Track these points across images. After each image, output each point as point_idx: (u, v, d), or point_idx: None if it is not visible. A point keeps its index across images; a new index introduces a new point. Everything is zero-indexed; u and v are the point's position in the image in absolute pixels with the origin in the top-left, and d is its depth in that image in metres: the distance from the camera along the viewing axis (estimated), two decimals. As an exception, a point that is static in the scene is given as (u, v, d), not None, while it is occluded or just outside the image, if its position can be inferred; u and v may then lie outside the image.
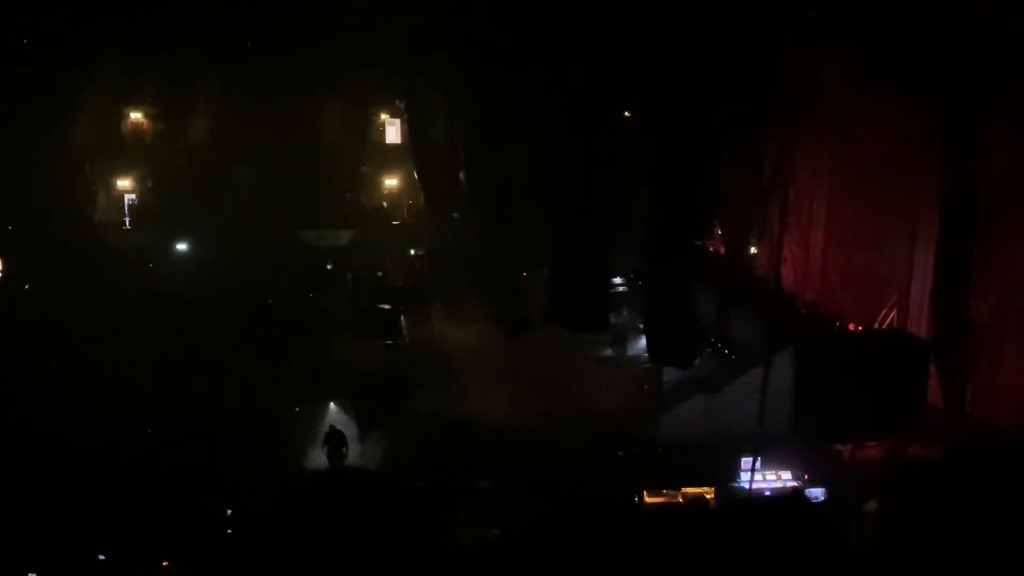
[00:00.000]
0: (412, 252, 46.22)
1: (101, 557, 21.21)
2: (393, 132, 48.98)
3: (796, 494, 24.78)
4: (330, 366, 33.36)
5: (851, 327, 32.03)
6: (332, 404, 30.10)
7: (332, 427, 27.82)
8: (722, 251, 38.45)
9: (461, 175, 41.56)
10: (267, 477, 24.67)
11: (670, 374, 30.98)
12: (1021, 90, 26.21)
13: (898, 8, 28.18)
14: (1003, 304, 27.52)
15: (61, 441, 25.73)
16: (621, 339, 35.12)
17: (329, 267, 43.62)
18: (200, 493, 24.12)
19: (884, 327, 31.69)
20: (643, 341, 32.95)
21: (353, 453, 27.18)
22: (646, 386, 31.06)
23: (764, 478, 25.77)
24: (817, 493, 24.89)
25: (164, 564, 21.16)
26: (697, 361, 30.86)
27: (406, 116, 46.59)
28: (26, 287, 38.69)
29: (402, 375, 32.74)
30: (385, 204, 49.08)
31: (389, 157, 48.65)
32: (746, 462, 25.85)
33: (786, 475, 25.89)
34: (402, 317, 39.47)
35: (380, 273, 44.14)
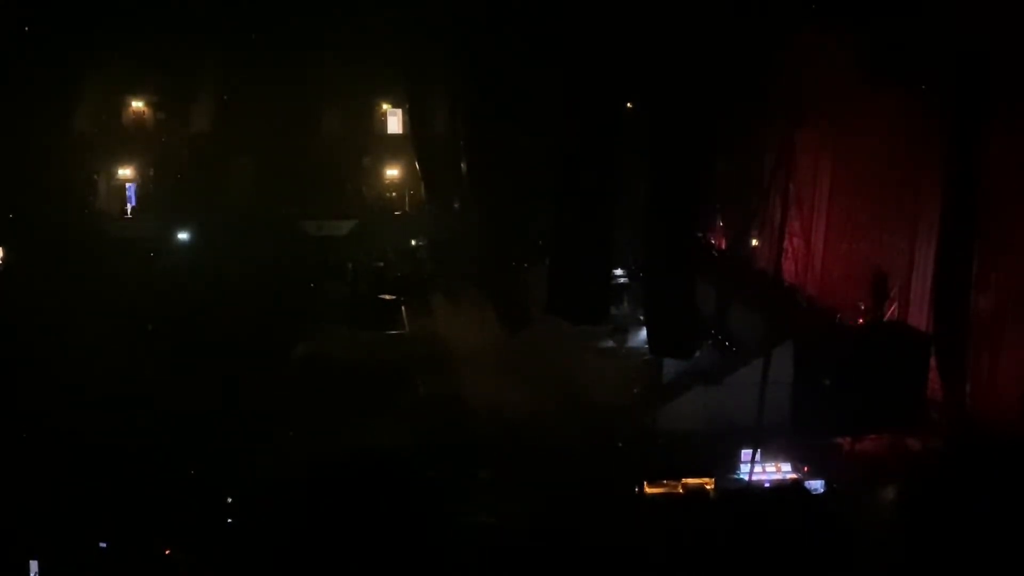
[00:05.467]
0: (413, 242, 46.26)
1: (102, 545, 21.28)
2: (395, 122, 48.99)
3: (795, 486, 24.92)
4: (331, 355, 33.41)
5: (851, 320, 32.10)
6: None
7: None
8: (723, 244, 38.49)
9: (462, 166, 41.53)
10: (268, 466, 24.83)
11: (671, 366, 31.01)
12: (1021, 86, 26.23)
13: (900, 4, 28.18)
14: (1003, 298, 27.57)
15: (62, 430, 25.80)
16: (622, 330, 35.15)
17: (330, 257, 43.67)
18: (201, 482, 24.21)
19: (884, 320, 31.73)
20: (644, 332, 33.00)
21: (352, 443, 27.21)
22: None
23: (764, 470, 25.85)
24: (816, 485, 24.96)
25: (166, 552, 21.23)
26: (698, 353, 30.89)
27: (408, 106, 46.57)
28: (27, 276, 38.66)
29: (402, 365, 32.79)
30: (387, 194, 49.12)
31: (390, 147, 48.66)
32: (746, 454, 25.93)
33: (786, 467, 25.96)
34: (403, 307, 39.51)
35: (381, 263, 44.20)
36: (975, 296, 28.01)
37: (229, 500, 23.45)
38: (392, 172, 49.03)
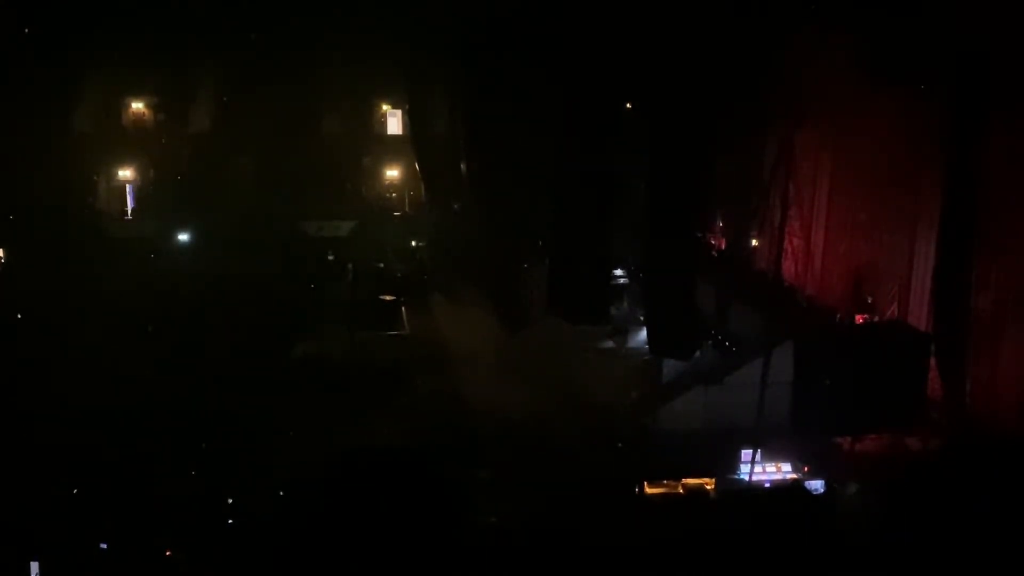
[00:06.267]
0: (413, 243, 46.26)
1: (103, 546, 21.29)
2: (394, 123, 49.04)
3: (795, 486, 24.93)
4: (331, 356, 33.40)
5: (851, 320, 32.12)
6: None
7: None
8: (723, 244, 38.49)
9: (462, 166, 41.55)
10: (268, 466, 24.84)
11: (671, 366, 31.01)
12: (1020, 86, 26.24)
13: (900, 5, 28.19)
14: (1003, 297, 27.57)
15: (63, 431, 25.80)
16: (621, 331, 35.16)
17: (330, 258, 43.68)
18: (201, 483, 24.21)
19: (884, 320, 31.75)
20: (643, 333, 33.01)
21: (352, 443, 27.21)
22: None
23: (764, 470, 25.86)
24: (816, 485, 24.97)
25: (166, 553, 21.24)
26: (698, 353, 30.89)
27: (408, 107, 46.60)
28: (27, 276, 38.64)
29: (402, 365, 32.79)
30: (387, 195, 49.15)
31: (390, 148, 48.69)
32: (746, 454, 25.93)
33: (786, 467, 25.97)
34: (402, 308, 39.52)
35: (381, 264, 44.20)
36: (975, 296, 28.01)
37: (229, 501, 23.45)
38: (392, 173, 49.06)
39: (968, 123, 27.68)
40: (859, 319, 31.96)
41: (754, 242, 37.46)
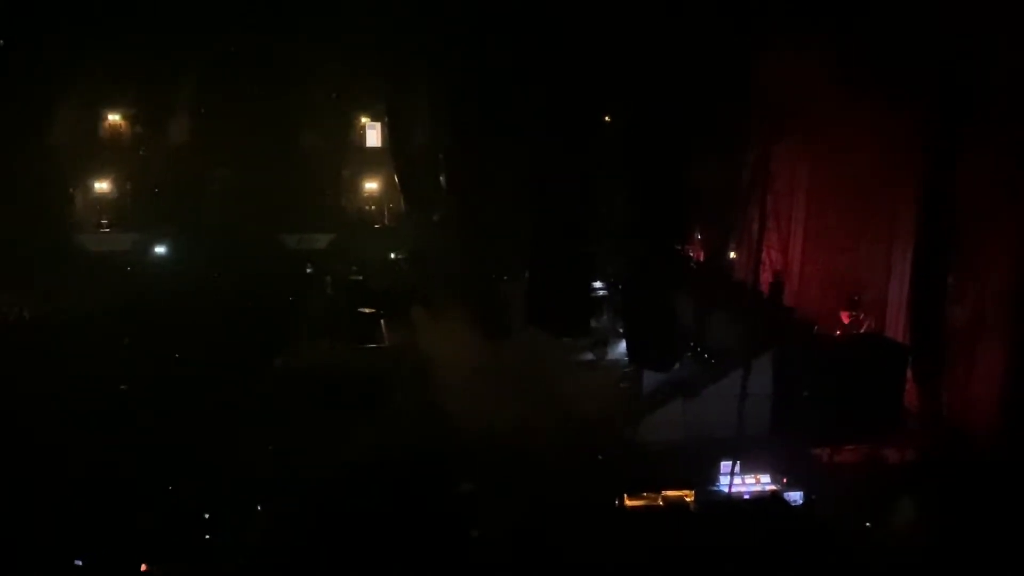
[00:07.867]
0: (392, 256, 46.19)
1: (78, 562, 21.08)
2: (374, 136, 49.04)
3: (775, 497, 25.01)
4: (310, 369, 33.25)
5: (829, 331, 32.28)
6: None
7: None
8: (701, 256, 38.66)
9: (442, 179, 41.58)
10: (245, 480, 24.69)
11: (650, 378, 31.06)
12: (999, 97, 26.51)
13: (878, 14, 28.43)
14: (979, 309, 27.79)
15: (37, 446, 25.53)
16: (602, 343, 35.20)
17: (309, 270, 43.55)
18: (178, 497, 24.01)
19: (862, 331, 31.94)
20: (623, 345, 33.04)
21: (332, 457, 27.08)
22: (622, 383, 31.07)
23: (743, 481, 25.91)
24: (795, 496, 25.05)
25: (143, 568, 21.05)
26: (677, 365, 30.96)
27: (387, 120, 46.61)
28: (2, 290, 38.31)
29: (381, 378, 32.67)
30: (366, 207, 49.10)
31: (370, 161, 48.70)
32: (725, 465, 25.98)
33: (765, 478, 26.03)
34: (381, 320, 39.41)
35: (360, 276, 44.09)
36: (951, 307, 28.23)
37: (207, 515, 23.27)
38: (371, 185, 49.04)
39: (944, 136, 27.93)
40: (845, 318, 32.13)
41: (732, 254, 37.63)
